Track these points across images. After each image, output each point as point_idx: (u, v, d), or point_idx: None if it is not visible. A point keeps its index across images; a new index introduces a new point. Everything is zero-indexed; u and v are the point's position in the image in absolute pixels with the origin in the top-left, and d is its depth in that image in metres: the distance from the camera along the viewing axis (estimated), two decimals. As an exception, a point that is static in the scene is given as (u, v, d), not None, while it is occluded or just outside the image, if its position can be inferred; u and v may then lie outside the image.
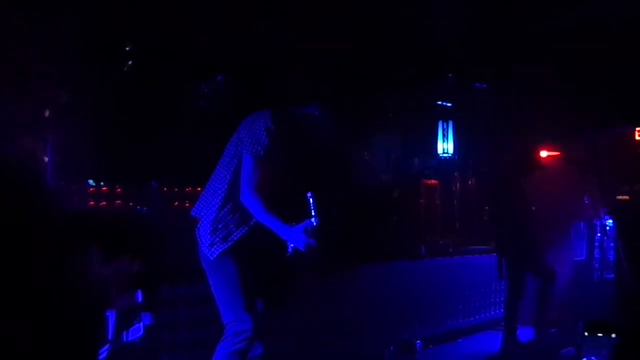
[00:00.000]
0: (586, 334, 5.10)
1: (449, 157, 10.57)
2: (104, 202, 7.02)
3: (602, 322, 5.17)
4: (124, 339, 4.27)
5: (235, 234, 3.81)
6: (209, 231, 3.84)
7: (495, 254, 7.05)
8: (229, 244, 3.80)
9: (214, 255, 3.80)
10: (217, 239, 3.82)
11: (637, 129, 10.93)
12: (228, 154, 3.94)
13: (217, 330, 3.85)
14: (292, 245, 3.74)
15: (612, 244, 8.90)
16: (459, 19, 8.31)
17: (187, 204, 7.04)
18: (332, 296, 6.28)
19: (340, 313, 6.32)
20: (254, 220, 3.79)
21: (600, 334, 5.03)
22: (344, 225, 6.68)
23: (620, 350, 4.87)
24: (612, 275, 8.70)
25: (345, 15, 7.53)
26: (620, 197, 9.83)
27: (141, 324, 4.38)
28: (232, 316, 3.76)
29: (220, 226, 3.83)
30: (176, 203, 7.40)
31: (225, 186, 3.87)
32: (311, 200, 3.67)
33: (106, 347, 4.10)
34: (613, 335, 4.97)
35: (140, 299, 4.47)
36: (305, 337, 5.78)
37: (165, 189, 7.23)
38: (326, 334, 6.09)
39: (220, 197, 3.87)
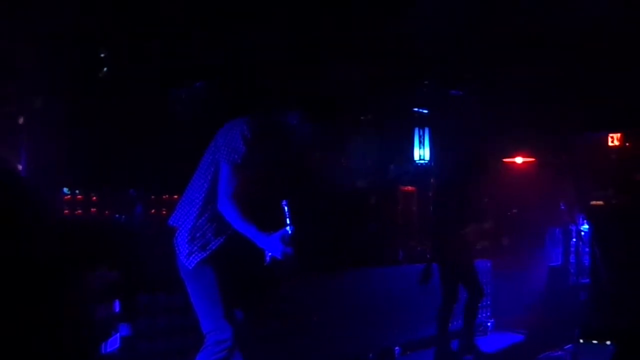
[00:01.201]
0: (581, 340, 5.02)
1: (425, 163, 10.61)
2: (80, 211, 6.95)
3: (597, 329, 5.10)
4: (102, 351, 4.22)
5: (213, 243, 3.79)
6: (186, 240, 3.82)
7: (433, 261, 6.82)
8: (207, 252, 3.78)
9: (192, 265, 3.78)
10: (195, 247, 3.79)
11: (610, 135, 11.09)
12: (205, 162, 3.92)
13: (196, 340, 3.82)
14: (269, 253, 3.74)
15: (587, 249, 8.99)
16: (435, 26, 8.34)
17: (165, 212, 6.99)
18: (309, 303, 6.26)
19: (317, 320, 6.30)
20: (232, 229, 3.78)
21: (595, 341, 4.96)
22: (321, 232, 6.67)
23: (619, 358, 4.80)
24: (588, 280, 8.77)
25: (323, 22, 7.53)
26: (594, 202, 9.95)
27: (118, 335, 4.34)
28: (212, 325, 3.74)
29: (198, 235, 3.81)
30: (153, 211, 7.34)
31: (203, 195, 3.85)
32: (286, 208, 3.67)
33: None
34: (608, 343, 4.89)
35: (117, 309, 4.43)
36: (282, 344, 5.76)
37: (142, 196, 7.17)
38: (304, 341, 6.07)
39: (197, 206, 3.85)
